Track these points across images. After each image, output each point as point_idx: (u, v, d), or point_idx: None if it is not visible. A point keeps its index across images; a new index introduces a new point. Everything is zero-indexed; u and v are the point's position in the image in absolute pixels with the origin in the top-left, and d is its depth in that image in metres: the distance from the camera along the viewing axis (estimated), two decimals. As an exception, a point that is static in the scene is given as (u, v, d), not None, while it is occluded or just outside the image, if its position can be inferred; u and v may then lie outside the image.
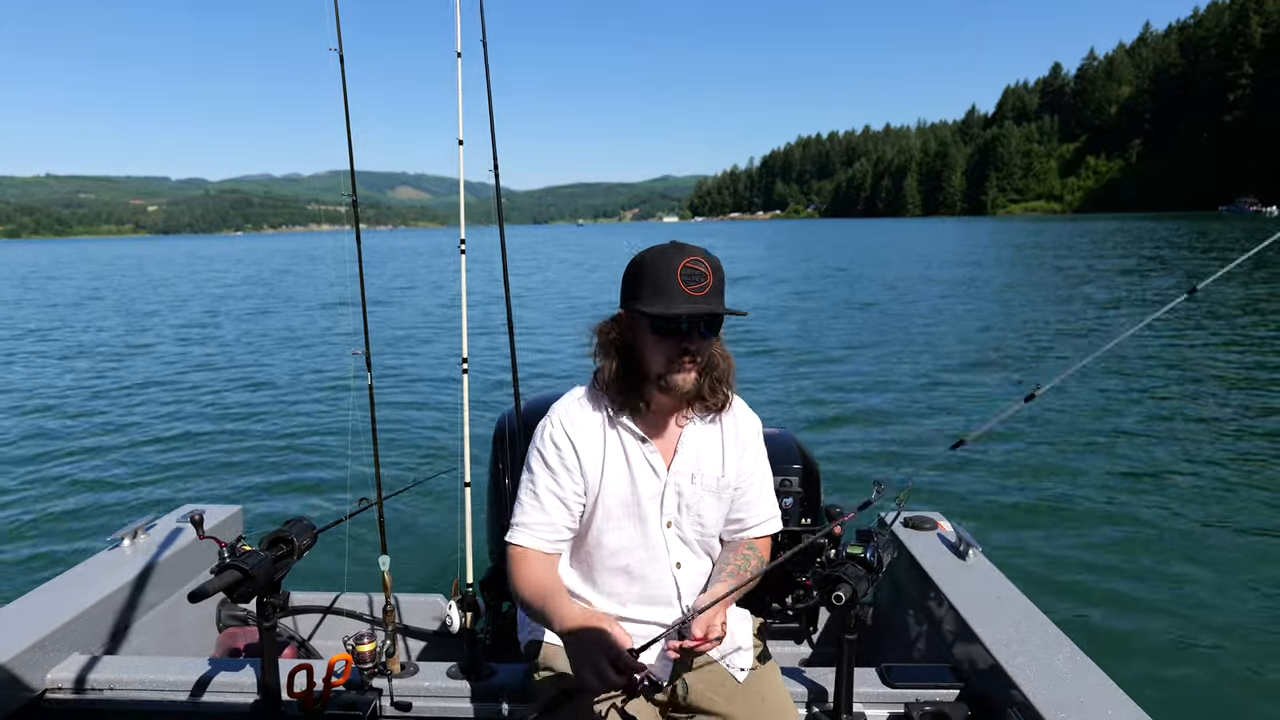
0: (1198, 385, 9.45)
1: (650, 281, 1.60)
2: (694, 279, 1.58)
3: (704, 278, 1.59)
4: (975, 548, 2.48)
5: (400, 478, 6.01)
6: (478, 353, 11.76)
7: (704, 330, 1.63)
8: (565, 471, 1.70)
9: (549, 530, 1.70)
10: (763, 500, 1.87)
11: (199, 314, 21.56)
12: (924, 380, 10.23)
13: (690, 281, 1.58)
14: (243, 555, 1.75)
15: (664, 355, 1.62)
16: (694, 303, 1.58)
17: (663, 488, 1.73)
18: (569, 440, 1.71)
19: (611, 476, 1.71)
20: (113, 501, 6.37)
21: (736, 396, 1.82)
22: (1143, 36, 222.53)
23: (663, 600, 1.78)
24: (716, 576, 1.77)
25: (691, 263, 1.59)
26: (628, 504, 1.72)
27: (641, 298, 1.61)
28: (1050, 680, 1.81)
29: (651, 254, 1.63)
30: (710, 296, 1.60)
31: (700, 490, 1.75)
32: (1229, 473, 6.36)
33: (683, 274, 1.58)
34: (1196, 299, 3.23)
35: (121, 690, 2.08)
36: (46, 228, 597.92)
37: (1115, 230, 64.80)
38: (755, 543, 1.88)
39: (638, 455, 1.72)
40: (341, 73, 2.36)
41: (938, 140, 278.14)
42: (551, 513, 1.70)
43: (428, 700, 2.06)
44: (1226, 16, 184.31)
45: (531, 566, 1.68)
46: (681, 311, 1.57)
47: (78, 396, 10.51)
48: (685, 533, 1.77)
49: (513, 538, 1.71)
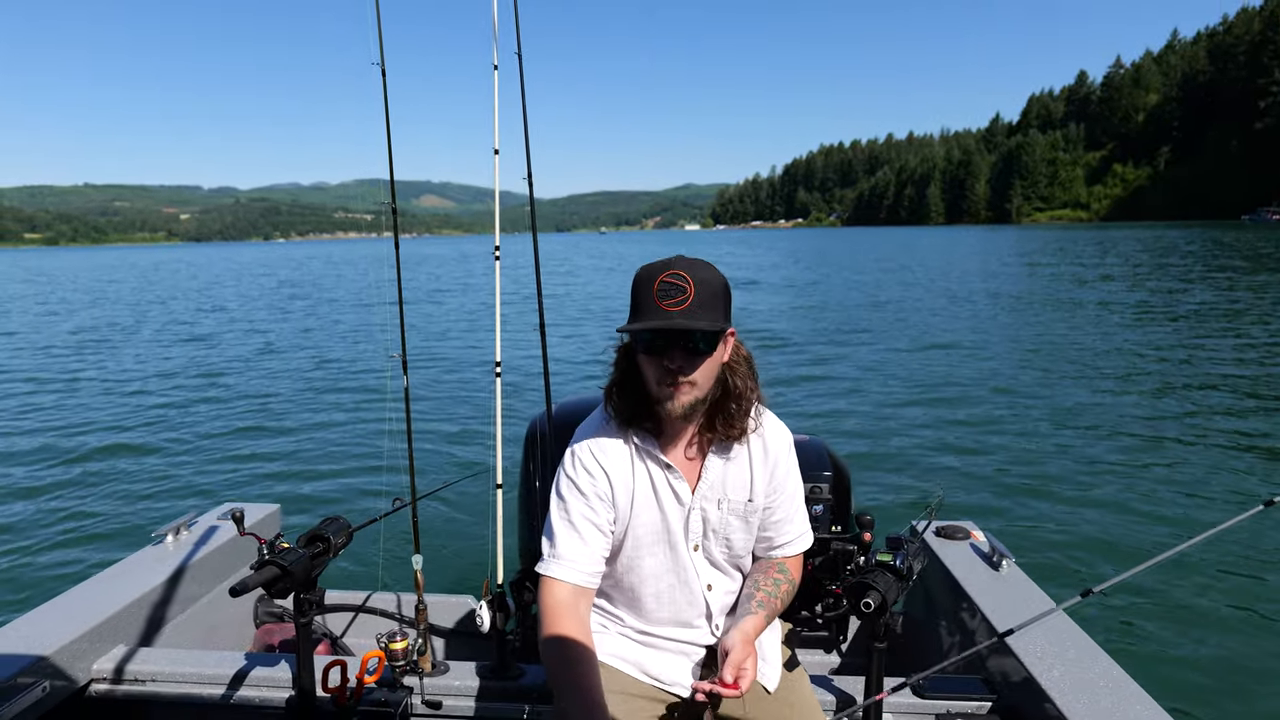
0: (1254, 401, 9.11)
1: (634, 297, 1.56)
2: (670, 293, 1.51)
3: (682, 291, 1.51)
4: (1008, 558, 2.44)
5: (434, 479, 6.14)
6: (510, 356, 11.85)
7: (687, 347, 1.53)
8: (599, 500, 1.66)
9: (586, 561, 1.64)
10: (793, 518, 1.80)
11: (239, 317, 21.90)
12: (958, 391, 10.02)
13: (666, 296, 1.51)
14: (281, 552, 1.78)
15: (653, 374, 1.58)
16: (667, 318, 1.50)
17: (687, 514, 1.70)
18: (601, 468, 1.67)
19: (641, 504, 1.68)
20: (156, 499, 6.53)
21: (766, 411, 1.76)
22: (1171, 44, 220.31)
23: (694, 621, 1.76)
24: (745, 604, 1.71)
25: (669, 276, 1.52)
26: (657, 531, 1.70)
27: (629, 319, 1.57)
28: (1085, 694, 1.77)
29: (641, 269, 1.58)
30: (690, 311, 1.50)
31: (727, 515, 1.71)
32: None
33: (659, 288, 1.51)
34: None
35: (163, 682, 2.13)
36: (84, 235, 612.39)
37: (1129, 239, 64.41)
38: (786, 563, 1.81)
39: (663, 482, 1.68)
40: (384, 86, 2.42)
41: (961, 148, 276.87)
42: (589, 541, 1.65)
43: (458, 699, 2.08)
44: (1257, 23, 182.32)
45: (563, 614, 1.61)
46: (648, 326, 1.50)
47: (125, 396, 10.74)
48: (714, 555, 1.74)
49: (547, 570, 1.64)
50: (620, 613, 1.78)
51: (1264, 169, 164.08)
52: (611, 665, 1.73)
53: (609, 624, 1.80)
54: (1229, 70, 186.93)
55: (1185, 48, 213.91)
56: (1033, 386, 10.18)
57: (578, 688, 1.50)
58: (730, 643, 1.58)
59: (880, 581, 1.66)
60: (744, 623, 1.64)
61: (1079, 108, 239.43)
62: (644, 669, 1.74)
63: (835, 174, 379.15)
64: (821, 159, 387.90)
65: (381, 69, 2.42)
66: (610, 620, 1.79)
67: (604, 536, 1.66)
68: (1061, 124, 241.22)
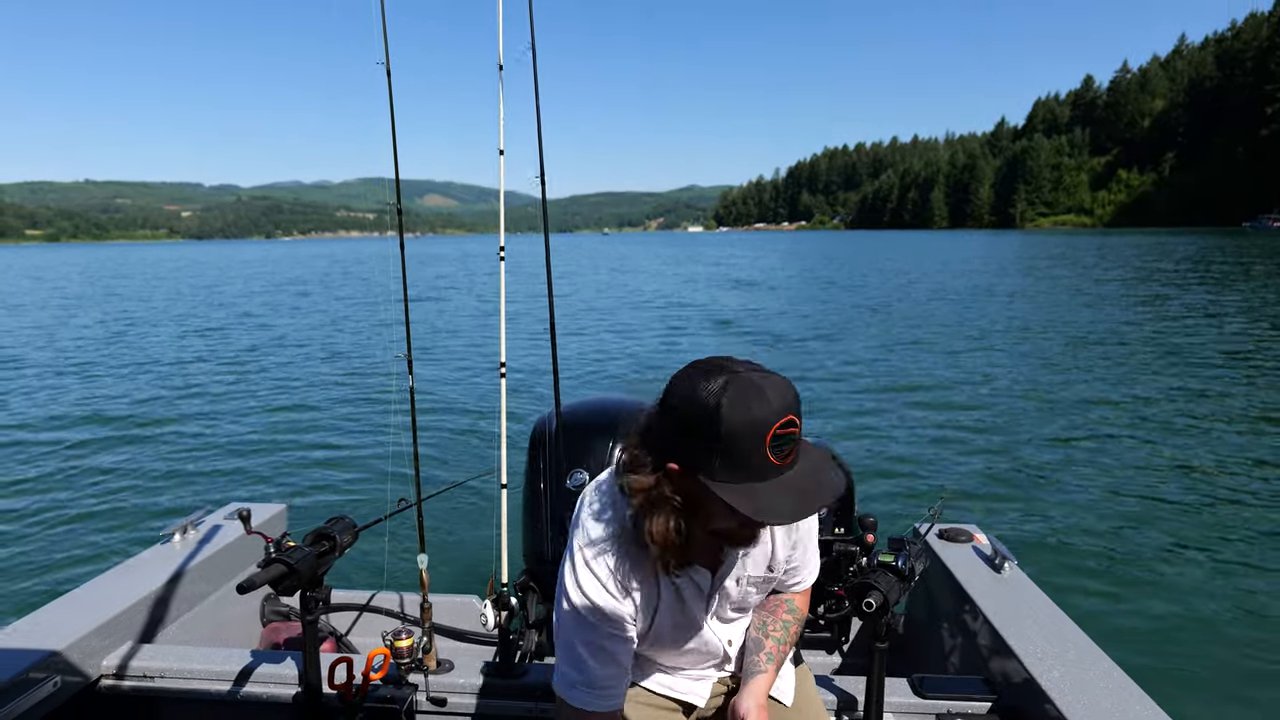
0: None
1: (727, 451, 1.24)
2: (786, 444, 1.25)
3: (794, 440, 1.27)
4: (1010, 560, 2.46)
5: (439, 478, 6.12)
6: (515, 356, 12.03)
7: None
8: (625, 620, 1.50)
9: (617, 682, 1.51)
10: (808, 562, 1.68)
11: (244, 316, 22.11)
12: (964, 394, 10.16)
13: (782, 453, 1.25)
14: (288, 550, 1.79)
15: (735, 523, 1.34)
16: (787, 471, 1.26)
17: (707, 599, 1.58)
18: (625, 591, 1.48)
19: (665, 603, 1.56)
20: (164, 498, 6.58)
21: None
22: (1178, 49, 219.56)
23: (714, 662, 1.71)
24: (753, 655, 1.63)
25: (784, 428, 1.24)
26: (678, 620, 1.58)
27: (714, 470, 1.26)
28: (1084, 695, 1.78)
29: (723, 404, 1.23)
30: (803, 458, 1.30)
31: (745, 588, 1.60)
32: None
33: (774, 445, 1.24)
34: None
35: (171, 678, 2.16)
36: (85, 232, 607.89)
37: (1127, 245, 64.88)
38: (794, 600, 1.70)
39: (683, 579, 1.53)
40: (389, 85, 2.43)
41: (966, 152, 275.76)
42: (621, 660, 1.51)
43: (462, 697, 2.10)
44: (1265, 30, 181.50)
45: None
46: (783, 520, 1.26)
47: (133, 396, 10.79)
48: (727, 616, 1.66)
49: (575, 700, 1.49)
50: (640, 665, 1.71)
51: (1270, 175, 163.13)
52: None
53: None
54: (1236, 76, 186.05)
55: (1193, 53, 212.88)
56: (1038, 390, 10.29)
57: None
58: (742, 709, 1.52)
59: (882, 582, 1.65)
60: (756, 684, 1.57)
61: (1085, 113, 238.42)
62: (655, 677, 1.72)
63: (839, 176, 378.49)
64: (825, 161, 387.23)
65: (386, 68, 2.42)
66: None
67: (630, 648, 1.53)
68: (1067, 129, 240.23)
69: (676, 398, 1.29)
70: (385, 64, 2.41)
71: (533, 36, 2.44)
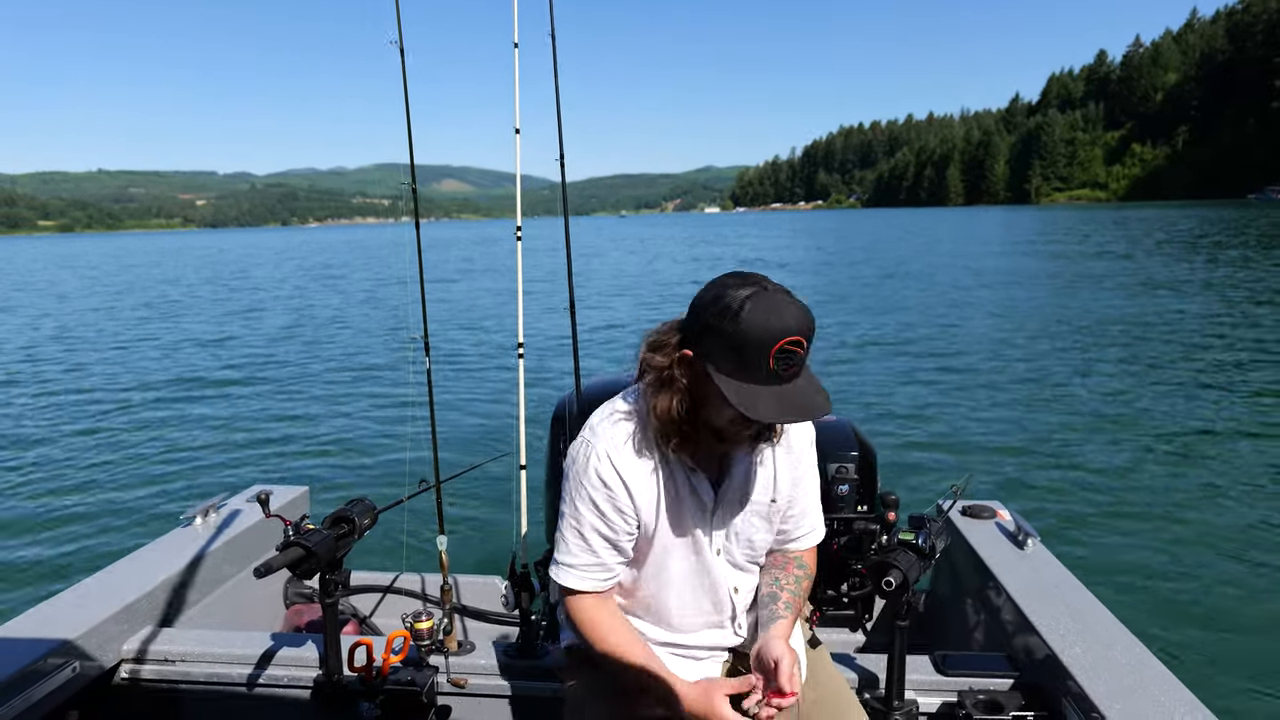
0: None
1: (737, 348, 1.36)
2: (790, 361, 1.36)
3: (800, 360, 1.37)
4: (1034, 537, 2.46)
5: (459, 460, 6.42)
6: (534, 336, 11.68)
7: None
8: (617, 514, 1.56)
9: (598, 571, 1.59)
10: (810, 510, 1.75)
11: (267, 301, 22.19)
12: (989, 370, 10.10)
13: (785, 363, 1.35)
14: (306, 533, 1.80)
15: (728, 419, 1.46)
16: (785, 384, 1.37)
17: (710, 516, 1.62)
18: (621, 480, 1.55)
19: (667, 510, 1.60)
20: (185, 481, 6.62)
21: None
22: (1190, 23, 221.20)
23: (720, 623, 1.71)
24: (770, 606, 1.67)
25: (791, 344, 1.34)
26: (683, 537, 1.63)
27: (721, 361, 1.39)
28: (1106, 671, 1.79)
29: (744, 308, 1.34)
30: (802, 376, 1.40)
31: (750, 516, 1.65)
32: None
33: (779, 356, 1.34)
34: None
35: (192, 662, 2.16)
36: (99, 222, 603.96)
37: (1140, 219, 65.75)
38: (803, 558, 1.77)
39: (686, 485, 1.60)
40: (402, 67, 2.40)
41: (981, 129, 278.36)
42: (601, 554, 1.58)
43: (483, 678, 2.10)
44: (1274, 2, 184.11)
45: (587, 610, 1.61)
46: (769, 419, 1.36)
47: (159, 380, 11.00)
48: (735, 558, 1.68)
49: (559, 577, 1.61)
50: (645, 626, 1.71)
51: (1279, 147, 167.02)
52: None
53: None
54: (1247, 49, 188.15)
55: (1204, 27, 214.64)
56: (1064, 366, 10.16)
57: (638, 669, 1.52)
58: (776, 652, 1.52)
59: (902, 560, 1.67)
60: (777, 629, 1.61)
61: (1098, 87, 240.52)
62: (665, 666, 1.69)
63: (855, 155, 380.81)
64: (841, 140, 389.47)
65: (400, 48, 2.39)
66: (639, 631, 1.71)
67: (617, 550, 1.60)
68: (1081, 104, 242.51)
69: (707, 295, 1.42)
70: (399, 43, 2.37)
71: (552, 16, 2.44)
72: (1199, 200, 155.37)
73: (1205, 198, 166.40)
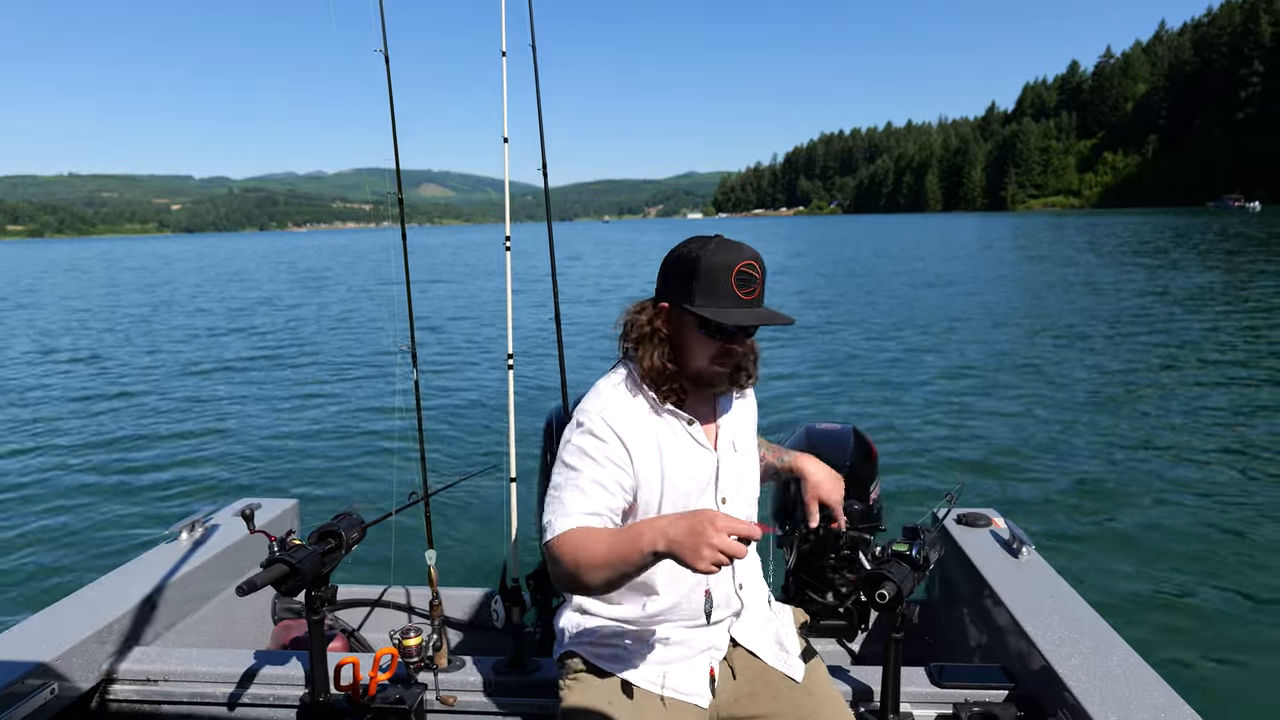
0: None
1: (703, 281, 1.57)
2: (749, 283, 1.57)
3: (757, 282, 1.58)
4: (1028, 545, 2.44)
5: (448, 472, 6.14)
6: (523, 344, 11.86)
7: (749, 331, 1.66)
8: (612, 464, 1.61)
9: (592, 519, 1.55)
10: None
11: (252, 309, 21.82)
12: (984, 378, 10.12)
13: (745, 285, 1.56)
14: (291, 549, 1.77)
15: (708, 355, 1.63)
16: (748, 307, 1.58)
17: (716, 464, 1.72)
18: (614, 433, 1.62)
19: (671, 463, 1.67)
20: (170, 495, 6.44)
21: None
22: (1158, 35, 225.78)
23: (720, 581, 1.73)
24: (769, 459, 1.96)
25: (746, 267, 1.57)
26: (688, 489, 1.69)
27: (693, 296, 1.58)
28: (1103, 682, 1.77)
29: (704, 250, 1.59)
30: (760, 300, 1.60)
31: (742, 459, 1.79)
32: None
33: (738, 278, 1.56)
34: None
35: (175, 681, 2.11)
36: (70, 227, 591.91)
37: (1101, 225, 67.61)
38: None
39: (685, 437, 1.70)
40: (387, 74, 2.38)
41: (958, 137, 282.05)
42: (593, 496, 1.57)
43: (473, 694, 2.06)
44: (1238, 15, 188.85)
45: (570, 541, 1.51)
46: (741, 323, 1.55)
47: (139, 392, 10.75)
48: (739, 505, 1.77)
49: (549, 532, 1.55)
50: (631, 612, 1.73)
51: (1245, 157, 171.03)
52: (622, 678, 1.70)
53: (621, 627, 1.74)
54: (1213, 61, 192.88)
55: (1172, 39, 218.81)
56: (1058, 373, 10.18)
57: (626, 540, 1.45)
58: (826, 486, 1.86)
59: (896, 572, 1.66)
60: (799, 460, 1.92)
61: (1071, 96, 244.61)
62: (664, 682, 1.70)
63: (835, 162, 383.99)
64: (822, 147, 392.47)
65: (385, 55, 2.39)
66: (620, 624, 1.74)
67: (609, 494, 1.60)
68: (1055, 113, 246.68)
69: (673, 254, 1.67)
70: (384, 50, 2.37)
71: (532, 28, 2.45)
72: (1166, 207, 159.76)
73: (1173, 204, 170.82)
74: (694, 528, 1.34)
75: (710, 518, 1.34)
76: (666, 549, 1.36)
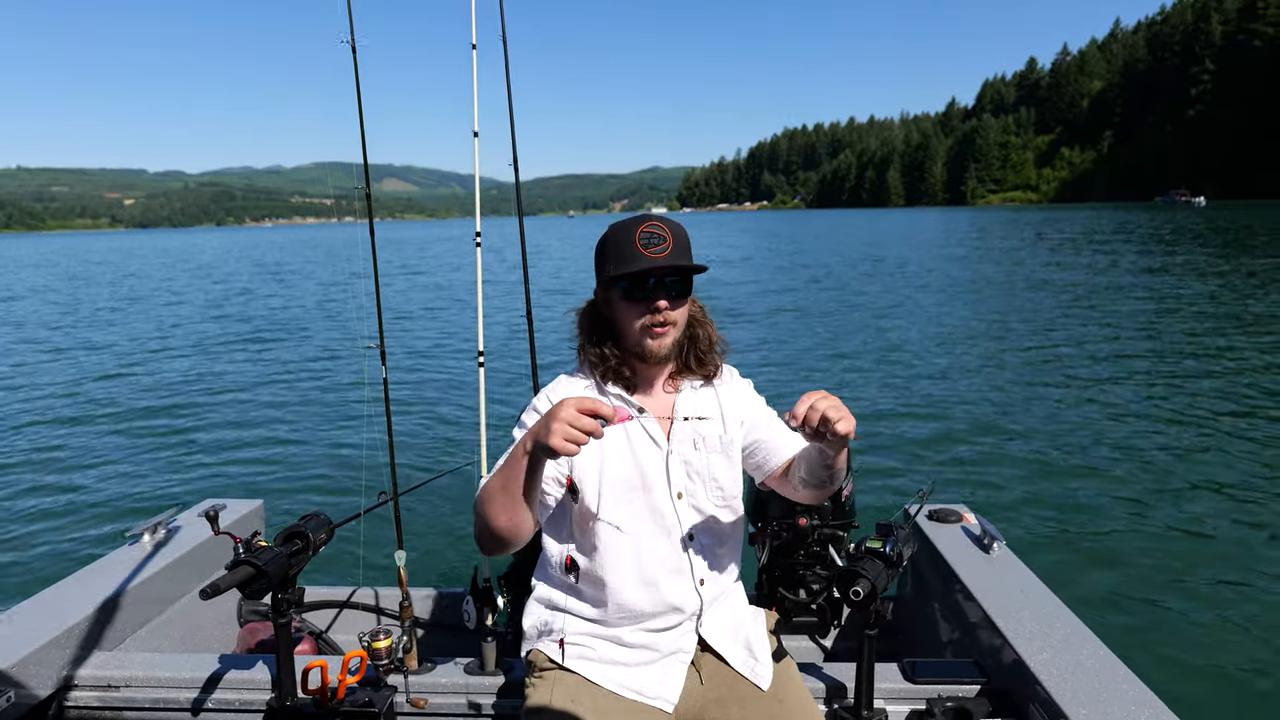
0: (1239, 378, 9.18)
1: (614, 250, 1.66)
2: (653, 241, 1.63)
3: (663, 240, 1.64)
4: (999, 540, 2.45)
5: (418, 471, 6.12)
6: (494, 343, 11.85)
7: (671, 289, 1.65)
8: None
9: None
10: (779, 434, 1.79)
11: (214, 307, 21.32)
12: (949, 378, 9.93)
13: (650, 244, 1.63)
14: (257, 551, 1.74)
15: (636, 319, 1.66)
16: (654, 261, 1.62)
17: (665, 458, 1.71)
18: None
19: (612, 452, 1.68)
20: (132, 497, 6.29)
21: (725, 364, 1.84)
22: (1114, 33, 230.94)
23: (676, 577, 1.71)
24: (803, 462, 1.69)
25: (649, 227, 1.64)
26: (630, 479, 1.69)
27: (608, 268, 1.68)
28: (1074, 675, 1.79)
29: (614, 226, 1.69)
30: (671, 257, 1.63)
31: (707, 455, 1.73)
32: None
33: (641, 238, 1.63)
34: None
35: (137, 687, 2.06)
36: (19, 222, 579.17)
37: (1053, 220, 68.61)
38: None
39: (635, 428, 1.70)
40: (354, 65, 2.34)
41: (920, 132, 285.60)
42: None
43: (444, 697, 2.04)
44: (1189, 14, 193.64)
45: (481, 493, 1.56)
46: (642, 268, 1.61)
47: (99, 390, 10.51)
48: (701, 501, 1.73)
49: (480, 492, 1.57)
50: (594, 611, 1.72)
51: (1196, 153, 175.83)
52: (587, 678, 1.67)
53: (585, 626, 1.73)
54: (1166, 59, 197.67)
55: (1126, 37, 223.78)
56: (1026, 368, 10.21)
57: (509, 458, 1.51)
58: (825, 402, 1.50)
59: (870, 569, 1.66)
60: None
61: (1029, 93, 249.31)
62: (623, 681, 1.68)
63: (799, 156, 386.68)
64: (785, 142, 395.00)
65: (352, 46, 2.35)
66: (585, 622, 1.73)
67: (552, 482, 1.63)
68: (1013, 109, 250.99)
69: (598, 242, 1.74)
70: (350, 41, 2.33)
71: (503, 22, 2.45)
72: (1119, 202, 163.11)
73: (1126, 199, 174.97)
74: (549, 413, 1.39)
75: (564, 401, 1.37)
76: (533, 442, 1.41)
